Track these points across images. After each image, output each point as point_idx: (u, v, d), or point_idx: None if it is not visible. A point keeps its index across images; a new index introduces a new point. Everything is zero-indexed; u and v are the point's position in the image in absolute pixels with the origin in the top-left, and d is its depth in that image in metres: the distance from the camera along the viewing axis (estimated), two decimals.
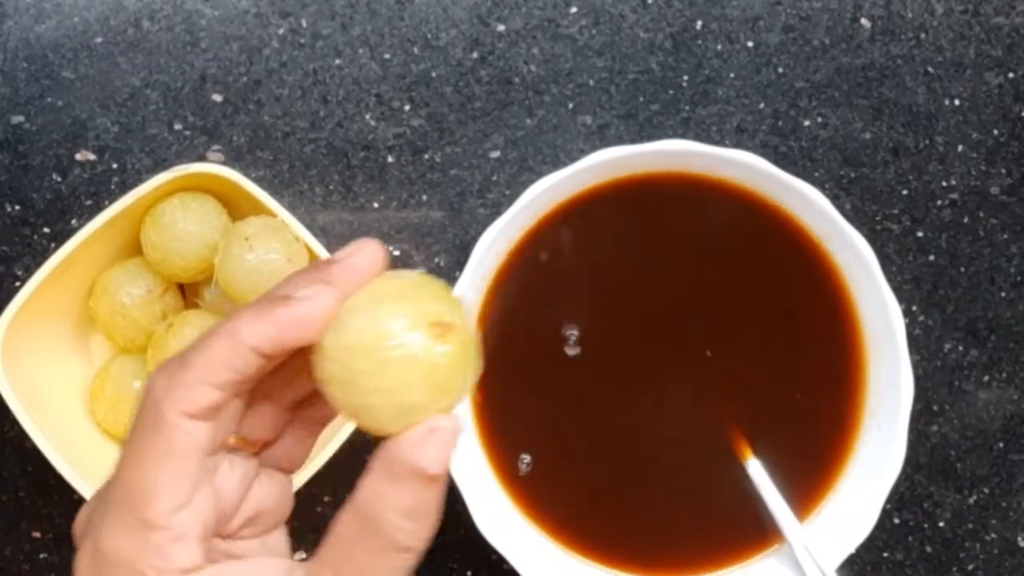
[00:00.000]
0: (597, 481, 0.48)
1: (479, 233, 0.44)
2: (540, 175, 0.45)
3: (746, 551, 0.47)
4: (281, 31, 0.50)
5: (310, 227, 0.48)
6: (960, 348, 0.51)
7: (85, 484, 0.45)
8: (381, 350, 0.27)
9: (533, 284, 0.46)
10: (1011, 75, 0.51)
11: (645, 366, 0.47)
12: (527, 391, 0.47)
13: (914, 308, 0.51)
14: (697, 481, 0.48)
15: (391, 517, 0.26)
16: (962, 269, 0.51)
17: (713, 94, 0.50)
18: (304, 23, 0.50)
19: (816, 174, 0.51)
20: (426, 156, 0.50)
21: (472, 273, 0.44)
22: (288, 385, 0.30)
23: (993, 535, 0.51)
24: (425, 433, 0.27)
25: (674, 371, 0.47)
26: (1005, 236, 0.51)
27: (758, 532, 0.47)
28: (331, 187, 0.50)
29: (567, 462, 0.48)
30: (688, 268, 0.48)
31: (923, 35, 0.51)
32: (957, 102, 0.51)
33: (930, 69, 0.51)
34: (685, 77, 0.50)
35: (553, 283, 0.47)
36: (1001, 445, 0.51)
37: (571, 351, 0.47)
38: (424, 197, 0.50)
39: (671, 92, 0.50)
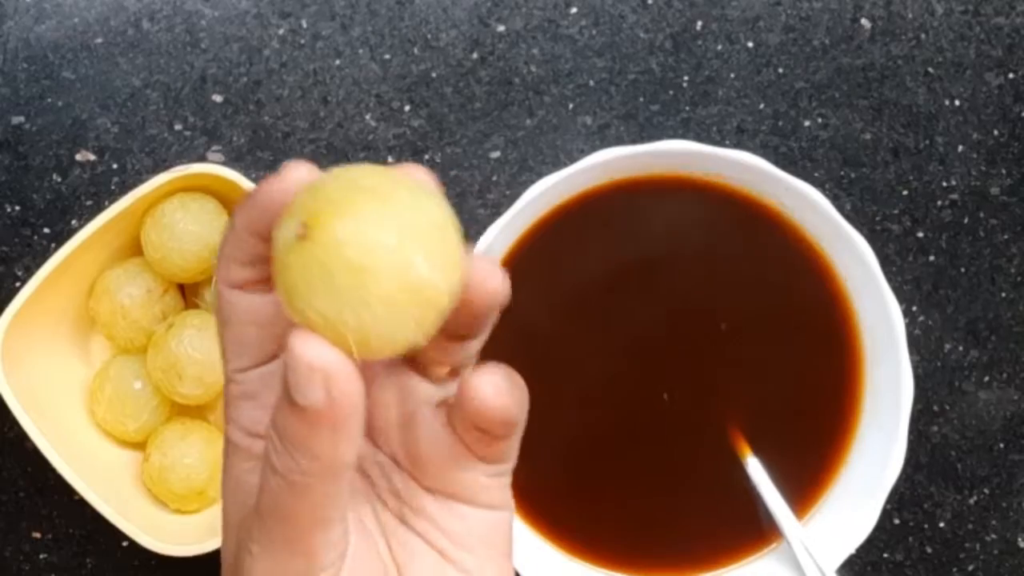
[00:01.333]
0: (595, 480, 0.48)
1: (479, 233, 0.44)
2: (540, 175, 0.45)
3: (745, 551, 0.47)
4: (281, 31, 0.50)
5: None
6: (960, 348, 0.51)
7: (85, 484, 0.45)
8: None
9: (532, 283, 0.46)
10: (1011, 75, 0.51)
11: (644, 365, 0.47)
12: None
13: (914, 308, 0.51)
14: (696, 480, 0.48)
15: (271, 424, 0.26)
16: (962, 269, 0.51)
17: (713, 94, 0.50)
18: (304, 24, 0.50)
19: (816, 174, 0.51)
20: (426, 156, 0.50)
21: None
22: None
23: (993, 536, 0.51)
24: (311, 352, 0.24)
25: (673, 370, 0.47)
26: (1005, 236, 0.51)
27: (757, 532, 0.47)
28: None
29: (564, 461, 0.48)
30: (688, 268, 0.48)
31: (923, 35, 0.51)
32: (957, 102, 0.51)
33: (930, 69, 0.51)
34: (685, 77, 0.50)
35: (552, 281, 0.47)
36: (1001, 445, 0.51)
37: (570, 350, 0.47)
38: None
39: (671, 92, 0.50)
